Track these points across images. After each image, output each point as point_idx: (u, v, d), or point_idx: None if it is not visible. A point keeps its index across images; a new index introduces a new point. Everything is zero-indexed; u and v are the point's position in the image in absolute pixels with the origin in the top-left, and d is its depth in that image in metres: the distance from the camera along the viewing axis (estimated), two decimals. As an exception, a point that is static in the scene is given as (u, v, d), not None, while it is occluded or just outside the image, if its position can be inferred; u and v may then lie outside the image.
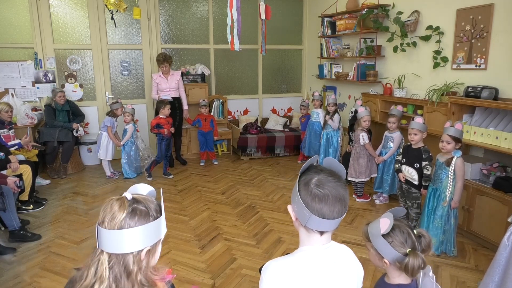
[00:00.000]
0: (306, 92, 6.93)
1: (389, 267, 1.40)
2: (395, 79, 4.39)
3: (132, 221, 0.99)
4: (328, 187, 1.08)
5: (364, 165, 4.16)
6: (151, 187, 1.13)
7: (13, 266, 2.93)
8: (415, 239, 1.37)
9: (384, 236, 1.35)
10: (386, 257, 1.36)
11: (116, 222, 0.97)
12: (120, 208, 0.99)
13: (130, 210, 0.99)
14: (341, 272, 1.13)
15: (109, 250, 0.98)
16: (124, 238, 0.97)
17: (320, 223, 1.08)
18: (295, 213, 1.13)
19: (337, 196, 1.07)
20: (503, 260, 2.20)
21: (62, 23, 5.61)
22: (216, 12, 6.26)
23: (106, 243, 0.97)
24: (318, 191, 1.07)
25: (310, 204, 1.07)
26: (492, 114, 3.27)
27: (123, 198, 1.01)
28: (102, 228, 0.98)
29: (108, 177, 5.11)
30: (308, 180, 1.10)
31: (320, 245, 1.13)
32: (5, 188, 3.23)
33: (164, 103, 5.01)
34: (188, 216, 3.89)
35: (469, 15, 3.47)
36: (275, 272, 1.10)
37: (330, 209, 1.06)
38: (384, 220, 1.36)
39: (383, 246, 1.36)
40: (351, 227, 3.62)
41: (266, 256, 3.07)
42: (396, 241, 1.36)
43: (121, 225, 0.97)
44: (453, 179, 2.89)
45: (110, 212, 0.99)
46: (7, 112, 4.25)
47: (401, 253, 1.34)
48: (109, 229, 0.97)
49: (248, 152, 6.02)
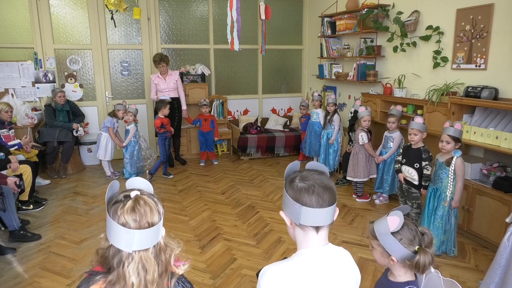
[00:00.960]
0: (306, 92, 6.93)
1: (395, 264, 1.39)
2: (395, 79, 4.39)
3: (153, 215, 1.03)
4: (313, 178, 1.10)
5: (362, 165, 4.16)
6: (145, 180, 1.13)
7: (13, 266, 2.93)
8: (420, 236, 1.37)
9: (393, 234, 1.35)
10: (395, 255, 1.36)
11: (147, 220, 1.01)
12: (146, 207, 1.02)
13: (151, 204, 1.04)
14: (339, 276, 1.12)
15: (146, 247, 1.01)
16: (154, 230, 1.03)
17: (314, 215, 1.08)
18: (288, 216, 1.14)
19: (323, 185, 1.09)
20: (503, 261, 2.20)
21: (62, 23, 5.61)
22: (216, 12, 6.26)
23: (141, 242, 1.00)
24: (303, 184, 1.09)
25: (299, 198, 1.08)
26: (492, 114, 3.27)
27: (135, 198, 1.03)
28: (136, 230, 0.99)
29: (108, 177, 5.11)
30: (293, 179, 1.13)
31: (318, 246, 1.12)
32: (5, 188, 3.24)
33: (164, 103, 5.01)
34: (188, 216, 3.89)
35: (469, 15, 3.47)
36: (273, 277, 1.08)
37: (318, 198, 1.07)
38: (393, 218, 1.35)
39: (392, 244, 1.35)
40: (351, 227, 3.62)
41: (266, 256, 3.07)
42: (405, 239, 1.35)
43: (152, 221, 1.02)
44: (453, 179, 2.89)
45: (140, 213, 1.01)
46: (7, 112, 4.25)
47: (411, 250, 1.33)
48: (141, 228, 1.00)
49: (248, 152, 6.02)
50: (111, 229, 1.00)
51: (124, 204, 1.01)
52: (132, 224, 0.99)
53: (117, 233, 0.99)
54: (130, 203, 1.01)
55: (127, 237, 0.98)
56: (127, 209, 1.00)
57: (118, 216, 0.99)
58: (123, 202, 1.02)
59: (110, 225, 1.00)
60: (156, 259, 1.03)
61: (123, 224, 0.98)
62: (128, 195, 1.03)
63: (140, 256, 1.00)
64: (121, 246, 0.99)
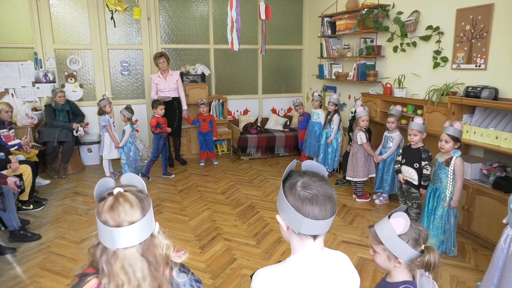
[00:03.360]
0: (306, 92, 6.93)
1: (400, 267, 1.36)
2: (395, 79, 4.39)
3: (133, 213, 1.01)
4: (315, 187, 1.05)
5: (361, 165, 4.16)
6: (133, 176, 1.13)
7: (13, 266, 2.93)
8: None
9: (399, 236, 1.31)
10: (402, 258, 1.32)
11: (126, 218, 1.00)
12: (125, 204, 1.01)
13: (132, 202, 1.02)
14: (334, 280, 1.10)
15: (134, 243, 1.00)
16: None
17: (314, 226, 1.04)
18: (285, 222, 1.09)
19: (326, 194, 1.05)
20: (500, 263, 2.19)
21: (62, 23, 5.62)
22: (216, 12, 6.26)
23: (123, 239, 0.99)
24: (306, 193, 1.04)
25: (301, 208, 1.03)
26: (492, 114, 3.27)
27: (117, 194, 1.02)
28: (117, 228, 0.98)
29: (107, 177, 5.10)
30: (293, 184, 1.07)
31: (313, 252, 1.10)
32: (5, 188, 3.24)
33: (157, 103, 5.00)
34: (188, 216, 3.89)
35: (469, 15, 3.47)
36: (265, 281, 1.07)
37: (321, 209, 1.03)
38: (398, 220, 1.32)
39: (400, 247, 1.31)
40: (351, 227, 3.62)
41: (266, 256, 3.08)
42: (412, 239, 1.32)
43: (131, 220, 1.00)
44: (452, 179, 2.89)
45: (122, 213, 1.00)
46: (7, 112, 4.25)
47: (418, 250, 1.31)
48: (121, 226, 0.99)
49: (248, 152, 6.02)
50: (98, 227, 1.01)
51: (105, 202, 1.01)
52: (111, 222, 0.98)
53: (101, 230, 0.99)
54: (110, 200, 1.00)
55: (109, 234, 0.98)
56: (106, 207, 0.99)
57: (100, 214, 1.00)
58: (105, 199, 1.02)
59: (97, 222, 1.01)
60: (145, 256, 1.01)
61: (104, 222, 0.98)
62: (112, 192, 1.03)
63: (124, 254, 0.99)
64: (106, 244, 0.99)
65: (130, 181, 1.10)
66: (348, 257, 1.19)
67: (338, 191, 4.62)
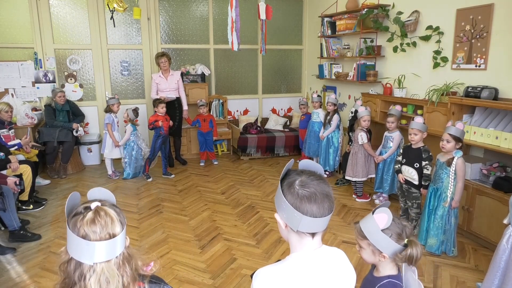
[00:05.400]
0: (306, 92, 6.93)
1: (385, 261, 1.40)
2: (395, 79, 4.39)
3: (114, 226, 1.03)
4: (313, 185, 1.07)
5: (361, 165, 4.16)
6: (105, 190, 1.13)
7: (13, 266, 2.93)
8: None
9: (382, 231, 1.35)
10: (386, 252, 1.36)
11: (108, 231, 1.01)
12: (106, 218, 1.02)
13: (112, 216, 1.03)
14: (332, 276, 1.12)
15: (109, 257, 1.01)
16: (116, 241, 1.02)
17: (312, 224, 1.06)
18: (284, 220, 1.11)
19: (323, 192, 1.07)
20: (503, 263, 2.18)
21: (62, 23, 5.61)
22: (216, 12, 6.26)
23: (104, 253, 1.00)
24: (304, 191, 1.06)
25: (300, 206, 1.05)
26: (492, 114, 3.27)
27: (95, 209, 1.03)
28: (95, 242, 0.98)
29: (109, 176, 5.11)
30: (291, 183, 1.09)
31: (311, 249, 1.11)
32: (5, 188, 3.24)
33: (158, 102, 5.01)
34: (188, 216, 3.89)
35: (469, 15, 3.47)
36: (266, 280, 1.08)
37: (319, 206, 1.06)
38: (381, 215, 1.36)
39: (383, 241, 1.35)
40: (351, 227, 3.61)
41: (266, 256, 3.08)
42: (395, 234, 1.37)
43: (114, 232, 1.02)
44: (454, 179, 2.89)
45: (102, 225, 1.01)
46: (7, 112, 4.25)
47: (401, 244, 1.34)
48: (102, 240, 0.99)
49: (248, 152, 6.02)
50: (71, 242, 0.99)
51: (84, 216, 1.00)
52: (92, 236, 0.98)
53: (77, 245, 0.98)
54: (90, 214, 1.00)
55: (87, 249, 0.97)
56: (87, 220, 0.99)
57: (78, 228, 0.99)
58: (82, 214, 1.01)
59: (70, 238, 0.99)
60: (120, 270, 1.02)
61: (83, 236, 0.98)
62: (89, 206, 1.03)
63: (102, 268, 0.99)
64: (81, 259, 0.99)
65: (100, 196, 1.11)
66: (348, 257, 1.21)
67: (338, 191, 4.62)
